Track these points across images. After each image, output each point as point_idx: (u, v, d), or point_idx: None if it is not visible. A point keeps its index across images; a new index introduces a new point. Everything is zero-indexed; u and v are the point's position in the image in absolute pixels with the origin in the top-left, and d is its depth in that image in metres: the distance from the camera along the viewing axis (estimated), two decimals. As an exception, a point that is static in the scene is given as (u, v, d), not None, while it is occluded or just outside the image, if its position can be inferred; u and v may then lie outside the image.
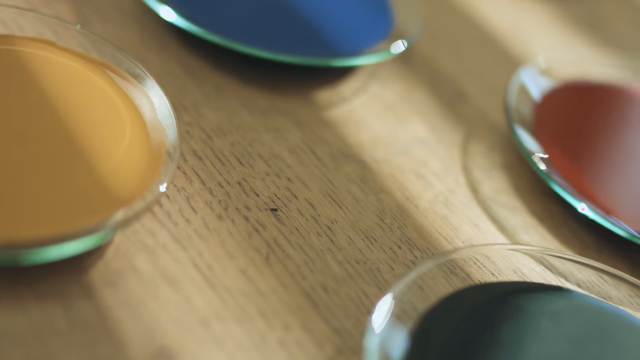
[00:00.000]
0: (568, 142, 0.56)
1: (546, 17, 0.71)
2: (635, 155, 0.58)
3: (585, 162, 0.55)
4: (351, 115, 0.55)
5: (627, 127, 0.60)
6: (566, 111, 0.58)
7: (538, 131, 0.55)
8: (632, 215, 0.53)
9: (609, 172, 0.56)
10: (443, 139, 0.55)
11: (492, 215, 0.52)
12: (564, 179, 0.53)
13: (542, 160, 0.53)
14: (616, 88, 0.62)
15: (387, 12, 0.61)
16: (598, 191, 0.53)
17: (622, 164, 0.57)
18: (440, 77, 0.60)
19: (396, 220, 0.49)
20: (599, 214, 0.51)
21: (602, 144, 0.58)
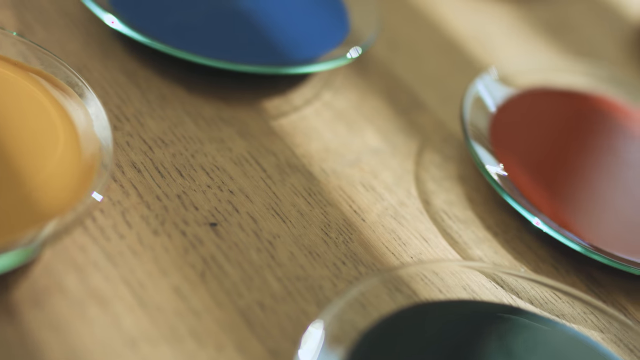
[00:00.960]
0: (525, 153, 0.54)
1: (511, 23, 0.69)
2: (595, 165, 0.56)
3: (542, 173, 0.53)
4: (301, 125, 0.53)
5: (588, 136, 0.58)
6: (524, 120, 0.57)
7: (494, 141, 0.54)
8: (589, 228, 0.51)
9: (566, 183, 0.54)
10: (396, 149, 0.54)
11: (443, 228, 0.50)
12: (519, 191, 0.51)
13: (497, 171, 0.52)
14: (579, 95, 0.60)
15: (343, 18, 0.59)
16: (555, 203, 0.52)
17: (581, 175, 0.55)
18: (397, 85, 0.58)
19: (342, 235, 0.47)
20: (554, 228, 0.49)
21: (561, 154, 0.56)
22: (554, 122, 0.58)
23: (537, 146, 0.55)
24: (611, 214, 0.53)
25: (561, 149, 0.56)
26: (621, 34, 0.73)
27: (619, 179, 0.55)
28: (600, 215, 0.53)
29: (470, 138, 0.52)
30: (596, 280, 0.50)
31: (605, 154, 0.57)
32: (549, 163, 0.55)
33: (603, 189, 0.54)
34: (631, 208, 0.54)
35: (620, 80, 0.63)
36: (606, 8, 0.75)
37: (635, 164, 0.57)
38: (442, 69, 0.62)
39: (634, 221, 0.53)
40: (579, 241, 0.49)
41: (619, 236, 0.51)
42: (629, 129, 0.59)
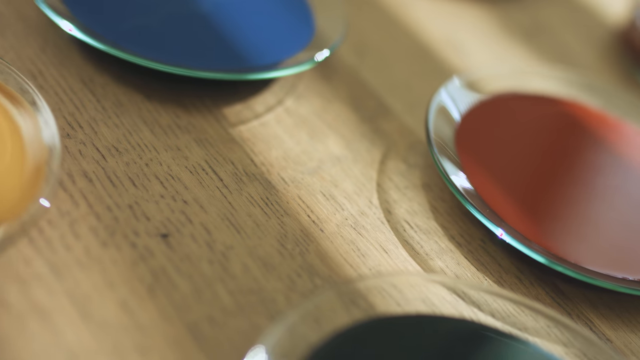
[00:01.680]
0: (491, 160, 0.53)
1: (485, 26, 0.68)
2: (563, 173, 0.55)
3: (508, 181, 0.52)
4: (261, 132, 0.52)
5: (557, 142, 0.57)
6: (491, 127, 0.55)
7: (460, 149, 0.52)
8: (555, 238, 0.50)
9: (533, 192, 0.52)
10: (359, 157, 0.52)
11: (405, 239, 0.49)
12: (483, 200, 0.50)
13: (461, 180, 0.50)
14: (550, 101, 0.59)
15: (308, 22, 0.58)
16: (520, 213, 0.50)
17: (549, 183, 0.54)
18: (363, 91, 0.57)
19: (298, 246, 0.46)
20: (518, 238, 0.48)
21: (528, 161, 0.55)
22: (522, 129, 0.56)
23: (504, 154, 0.54)
24: (578, 223, 0.52)
25: (529, 157, 0.55)
26: (597, 37, 0.71)
27: (588, 187, 0.54)
28: (567, 224, 0.51)
29: (433, 146, 0.51)
30: (561, 292, 0.49)
31: (574, 161, 0.56)
32: (515, 171, 0.53)
33: (571, 198, 0.53)
34: (599, 217, 0.52)
35: (594, 86, 0.61)
36: (583, 11, 0.74)
37: (605, 171, 0.56)
38: (411, 74, 0.60)
39: (602, 231, 0.52)
40: (544, 252, 0.48)
41: (586, 246, 0.50)
42: (599, 135, 0.58)
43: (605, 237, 0.51)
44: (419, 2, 0.67)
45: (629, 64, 0.68)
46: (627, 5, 0.72)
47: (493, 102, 0.57)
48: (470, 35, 0.66)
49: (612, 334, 0.48)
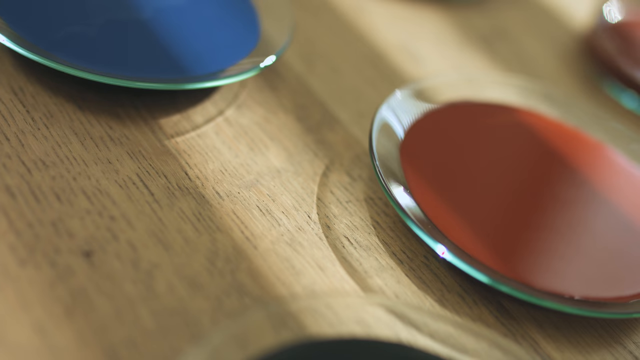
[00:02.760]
0: (437, 173, 0.51)
1: (442, 32, 0.66)
2: (513, 187, 0.53)
3: (454, 196, 0.50)
4: (199, 144, 0.50)
5: (507, 155, 0.55)
6: (439, 138, 0.53)
7: (404, 162, 0.51)
8: (500, 255, 0.48)
9: (479, 207, 0.50)
10: (301, 169, 0.51)
11: (343, 256, 0.47)
12: (427, 216, 0.48)
13: (404, 194, 0.49)
14: (503, 110, 0.57)
15: (253, 27, 0.56)
16: (465, 229, 0.48)
17: (497, 198, 0.52)
18: (310, 100, 0.55)
19: (229, 264, 0.44)
20: (461, 256, 0.46)
21: (478, 176, 0.52)
22: (473, 140, 0.54)
23: (453, 167, 0.52)
24: (526, 239, 0.50)
25: (479, 170, 0.53)
26: (561, 44, 0.69)
27: (540, 202, 0.52)
28: (515, 241, 0.49)
29: (375, 158, 0.49)
30: (506, 311, 0.47)
31: (526, 174, 0.54)
32: (463, 185, 0.51)
33: (521, 213, 0.51)
34: (549, 233, 0.50)
35: (553, 96, 0.59)
36: (546, 17, 0.72)
37: (558, 184, 0.54)
38: (362, 82, 0.58)
39: (551, 248, 0.50)
40: (488, 270, 0.46)
41: (533, 264, 0.48)
42: (555, 146, 0.56)
43: (554, 254, 0.49)
44: (375, 7, 0.65)
45: (592, 71, 0.66)
46: (591, 10, 0.70)
47: (443, 111, 0.55)
48: (427, 41, 0.64)
49: (558, 356, 0.46)
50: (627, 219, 0.53)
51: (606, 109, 0.64)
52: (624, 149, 0.57)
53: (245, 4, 0.57)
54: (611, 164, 0.56)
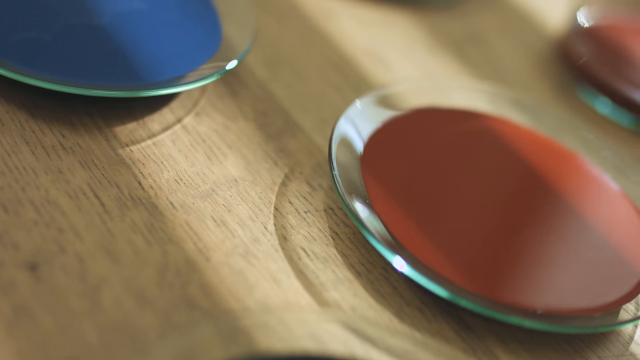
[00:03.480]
0: (399, 182, 0.50)
1: (414, 37, 0.64)
2: (478, 197, 0.51)
3: (417, 207, 0.49)
4: (155, 152, 0.49)
5: (473, 163, 0.53)
6: (402, 146, 0.52)
7: (365, 171, 0.49)
8: (462, 268, 0.47)
9: (441, 218, 0.49)
10: (259, 178, 0.49)
11: (299, 268, 0.46)
12: (386, 227, 0.47)
13: (364, 205, 0.47)
14: (469, 117, 0.56)
15: (215, 32, 0.55)
16: (425, 241, 0.47)
17: (460, 209, 0.50)
18: (271, 107, 0.54)
19: (180, 277, 0.43)
20: (420, 269, 0.45)
21: (442, 185, 0.51)
22: (438, 148, 0.53)
23: (416, 176, 0.51)
24: (490, 252, 0.48)
25: (443, 179, 0.51)
26: (535, 48, 0.68)
27: (503, 212, 0.51)
28: (477, 253, 0.48)
29: (334, 167, 0.48)
30: (467, 325, 0.46)
31: (493, 183, 0.53)
32: (427, 195, 0.50)
33: (486, 224, 0.50)
34: (513, 246, 0.49)
35: (523, 102, 0.58)
36: (520, 21, 0.71)
37: (526, 194, 0.52)
38: (327, 88, 0.57)
39: (514, 260, 0.48)
40: (448, 284, 0.45)
41: (496, 277, 0.47)
42: (523, 154, 0.55)
43: (519, 267, 0.48)
44: (344, 11, 0.64)
45: (566, 76, 0.65)
46: (566, 15, 0.69)
47: (408, 118, 0.54)
48: (396, 46, 0.63)
49: (519, 371, 0.45)
50: (595, 230, 0.51)
51: (579, 114, 0.63)
52: (595, 156, 0.56)
53: (207, 8, 0.56)
54: (581, 173, 0.55)
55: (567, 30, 0.67)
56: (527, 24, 0.70)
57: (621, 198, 0.54)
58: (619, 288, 0.49)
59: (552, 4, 0.73)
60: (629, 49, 0.67)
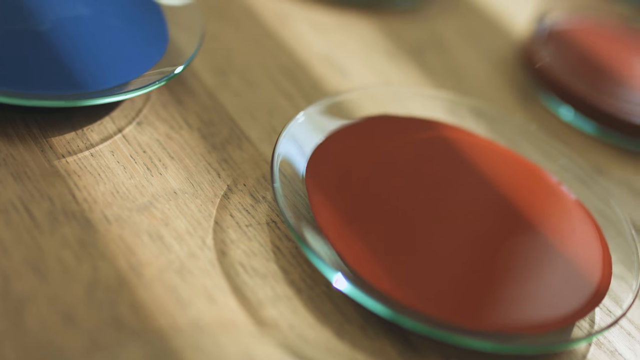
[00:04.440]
0: (347, 195, 0.48)
1: (373, 42, 0.63)
2: (429, 211, 0.49)
3: (364, 221, 0.47)
4: (92, 164, 0.47)
5: (422, 174, 0.51)
6: (352, 157, 0.50)
7: (310, 183, 0.48)
8: (407, 285, 0.45)
9: (390, 233, 0.47)
10: (201, 191, 0.48)
11: (236, 284, 0.44)
12: (328, 241, 0.45)
13: (306, 217, 0.46)
14: (426, 126, 0.54)
15: (160, 40, 0.53)
16: (370, 257, 0.46)
17: (410, 223, 0.48)
18: (218, 115, 0.52)
19: (109, 295, 0.42)
20: (361, 287, 0.43)
21: (390, 198, 0.49)
22: (389, 158, 0.51)
23: (364, 188, 0.49)
24: (437, 268, 0.47)
25: (392, 191, 0.50)
26: (499, 54, 0.66)
27: (454, 227, 0.49)
28: (423, 270, 0.46)
29: (275, 179, 0.46)
30: (410, 344, 0.44)
31: (444, 196, 0.51)
32: (374, 208, 0.48)
33: (434, 239, 0.48)
34: (462, 262, 0.47)
35: (482, 110, 0.57)
36: (484, 25, 0.69)
37: (478, 207, 0.51)
38: (279, 96, 0.55)
39: (464, 277, 0.47)
40: (390, 302, 0.43)
41: (442, 295, 0.45)
42: (478, 165, 0.53)
43: (469, 284, 0.47)
44: (301, 15, 0.62)
45: (529, 83, 0.64)
46: (531, 20, 0.68)
47: (357, 127, 0.52)
48: (354, 51, 0.61)
49: (464, 392, 0.43)
50: (549, 243, 0.50)
51: (542, 122, 0.61)
52: (554, 165, 0.55)
53: (153, 14, 0.54)
54: (537, 184, 0.53)
55: (531, 36, 0.65)
56: (491, 29, 0.69)
57: (578, 209, 0.52)
58: (572, 304, 0.47)
59: (518, 8, 0.71)
60: (593, 55, 0.65)
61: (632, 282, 0.49)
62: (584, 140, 0.61)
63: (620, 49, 0.67)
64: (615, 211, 0.53)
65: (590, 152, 0.60)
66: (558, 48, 0.64)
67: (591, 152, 0.60)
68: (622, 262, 0.50)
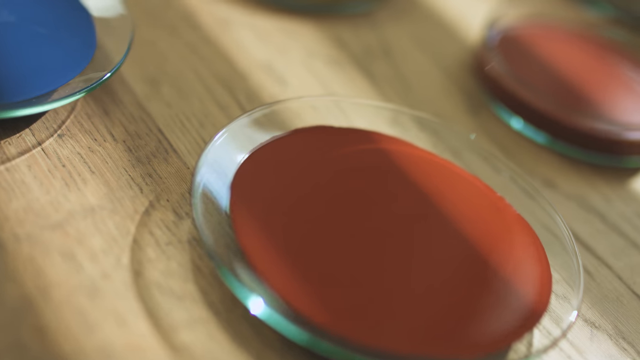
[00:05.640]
0: (272, 213, 0.46)
1: (318, 49, 0.61)
2: (361, 229, 0.47)
3: (290, 241, 0.45)
4: (6, 179, 0.45)
5: (361, 190, 0.49)
6: (280, 172, 0.48)
7: (234, 199, 0.46)
8: (333, 312, 0.43)
9: (315, 255, 0.45)
10: (121, 207, 0.46)
11: (150, 307, 0.42)
12: (248, 263, 0.43)
13: (228, 236, 0.44)
14: (364, 138, 0.52)
15: (87, 48, 0.51)
16: (293, 281, 0.43)
17: (340, 243, 0.46)
18: (146, 128, 0.50)
19: (14, 318, 0.40)
20: (281, 312, 0.41)
21: (320, 215, 0.47)
22: (320, 173, 0.49)
23: (290, 204, 0.47)
24: (365, 290, 0.44)
25: (321, 209, 0.47)
26: (450, 63, 0.64)
27: (385, 245, 0.47)
28: (350, 292, 0.44)
29: (196, 194, 0.44)
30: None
31: (379, 213, 0.48)
32: (302, 227, 0.46)
33: (361, 260, 0.46)
34: (392, 283, 0.45)
35: (424, 121, 0.55)
36: (436, 33, 0.67)
37: (410, 226, 0.48)
38: (213, 107, 0.53)
39: (392, 299, 0.44)
40: (311, 327, 0.41)
41: (368, 318, 0.43)
42: (417, 180, 0.51)
43: (398, 306, 0.44)
44: (243, 21, 0.60)
45: (481, 90, 0.62)
46: (484, 27, 0.65)
47: (288, 140, 0.50)
48: (297, 59, 0.59)
49: (386, 420, 0.41)
50: (486, 261, 0.48)
51: (492, 132, 0.59)
52: (500, 177, 0.53)
53: (81, 20, 0.52)
54: (478, 198, 0.51)
55: (481, 44, 0.63)
56: (446, 35, 0.67)
57: (520, 225, 0.50)
58: (507, 326, 0.45)
59: (474, 13, 0.69)
60: (545, 63, 0.63)
61: (574, 301, 0.47)
62: (536, 150, 0.59)
63: (574, 57, 0.65)
64: (560, 227, 0.51)
65: (541, 163, 0.58)
66: (508, 55, 0.62)
67: (542, 163, 0.58)
68: (567, 281, 0.49)
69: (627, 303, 0.51)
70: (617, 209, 0.57)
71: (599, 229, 0.55)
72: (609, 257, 0.53)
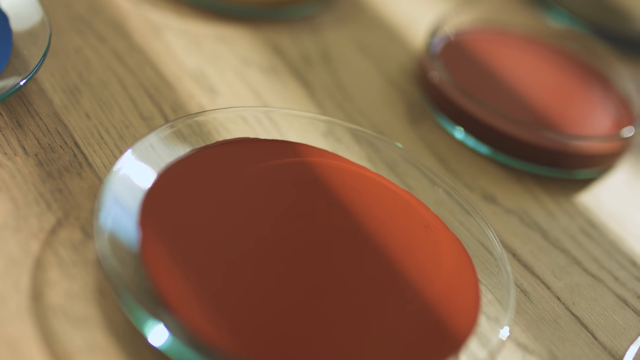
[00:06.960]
0: (183, 235, 0.44)
1: (255, 56, 0.58)
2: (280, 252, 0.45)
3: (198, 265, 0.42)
4: None
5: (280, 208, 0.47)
6: (194, 190, 0.46)
7: (144, 219, 0.43)
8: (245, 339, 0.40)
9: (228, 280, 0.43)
10: (25, 225, 0.44)
11: (46, 332, 0.40)
12: (155, 288, 0.41)
13: (132, 260, 0.42)
14: (289, 152, 0.50)
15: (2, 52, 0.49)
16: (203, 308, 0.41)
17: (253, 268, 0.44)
18: (61, 140, 0.48)
19: None
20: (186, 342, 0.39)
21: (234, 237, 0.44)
22: (234, 189, 0.46)
23: (204, 225, 0.44)
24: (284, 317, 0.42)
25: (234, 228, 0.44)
26: (395, 70, 0.62)
27: (308, 265, 0.44)
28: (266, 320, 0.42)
29: (98, 216, 0.42)
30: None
31: (298, 231, 0.46)
32: (214, 250, 0.43)
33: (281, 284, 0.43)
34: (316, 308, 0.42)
35: (359, 133, 0.52)
36: (381, 39, 0.64)
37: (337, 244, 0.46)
38: (134, 118, 0.51)
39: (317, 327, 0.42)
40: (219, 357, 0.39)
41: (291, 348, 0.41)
42: (342, 195, 0.49)
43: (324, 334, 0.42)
44: (175, 26, 0.58)
45: (423, 99, 0.59)
46: (429, 32, 0.63)
47: (209, 152, 0.48)
48: (230, 66, 0.57)
49: None
50: (416, 283, 0.46)
51: (435, 142, 0.57)
52: (437, 192, 0.50)
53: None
54: (410, 216, 0.49)
55: (425, 50, 0.61)
56: (390, 41, 0.64)
57: (452, 244, 0.48)
58: (428, 351, 0.43)
59: (421, 19, 0.66)
60: (489, 70, 0.61)
61: (503, 321, 0.45)
62: (478, 162, 0.57)
63: (522, 65, 0.63)
64: (494, 244, 0.49)
65: (482, 175, 0.56)
66: (452, 63, 0.59)
67: (483, 175, 0.56)
68: (500, 301, 0.46)
69: (565, 325, 0.49)
70: (560, 224, 0.54)
71: (540, 246, 0.53)
72: (548, 276, 0.51)
